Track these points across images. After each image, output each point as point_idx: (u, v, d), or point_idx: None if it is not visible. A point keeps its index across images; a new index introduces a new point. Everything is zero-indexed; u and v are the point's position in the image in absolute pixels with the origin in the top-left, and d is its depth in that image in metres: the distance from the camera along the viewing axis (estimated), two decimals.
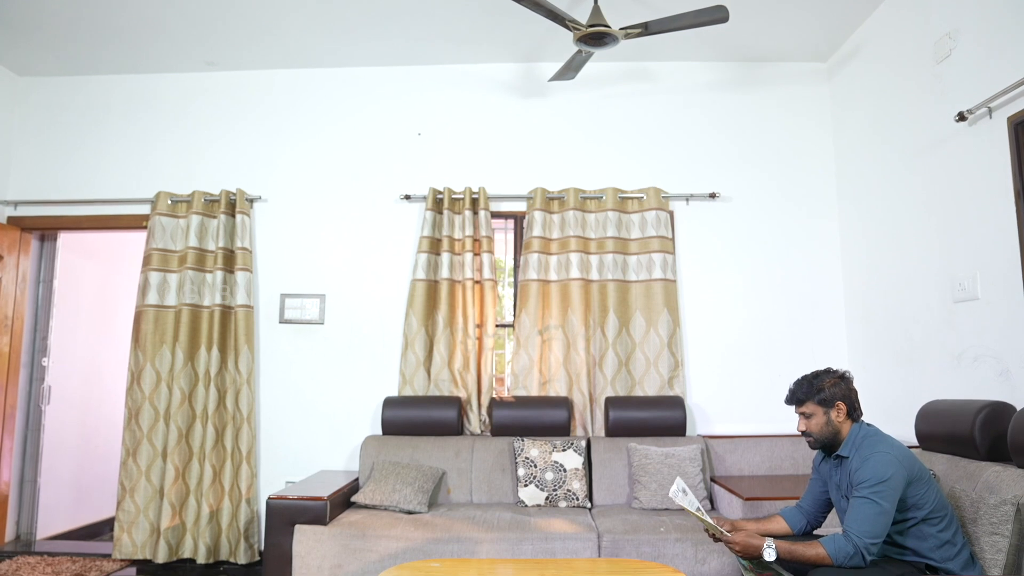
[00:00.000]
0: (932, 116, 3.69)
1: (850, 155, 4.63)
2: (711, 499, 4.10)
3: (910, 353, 3.93)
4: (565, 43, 4.51)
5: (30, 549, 4.77)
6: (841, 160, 4.75)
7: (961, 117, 3.35)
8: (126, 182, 4.99)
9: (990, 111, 3.23)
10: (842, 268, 4.73)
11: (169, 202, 4.82)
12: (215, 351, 4.62)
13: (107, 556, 4.60)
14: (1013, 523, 2.42)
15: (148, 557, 4.46)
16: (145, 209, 4.94)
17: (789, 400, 2.74)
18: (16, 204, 4.99)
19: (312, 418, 4.73)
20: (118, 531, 4.51)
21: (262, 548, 4.26)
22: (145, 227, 4.86)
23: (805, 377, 2.72)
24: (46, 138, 5.10)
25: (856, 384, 2.72)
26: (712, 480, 4.17)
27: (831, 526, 3.00)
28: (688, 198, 4.80)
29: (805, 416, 2.68)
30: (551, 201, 4.76)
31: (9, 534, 4.92)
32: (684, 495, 2.66)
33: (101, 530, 5.55)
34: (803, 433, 2.69)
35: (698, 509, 2.65)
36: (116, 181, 5.00)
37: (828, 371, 2.71)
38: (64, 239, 5.31)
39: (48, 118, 5.12)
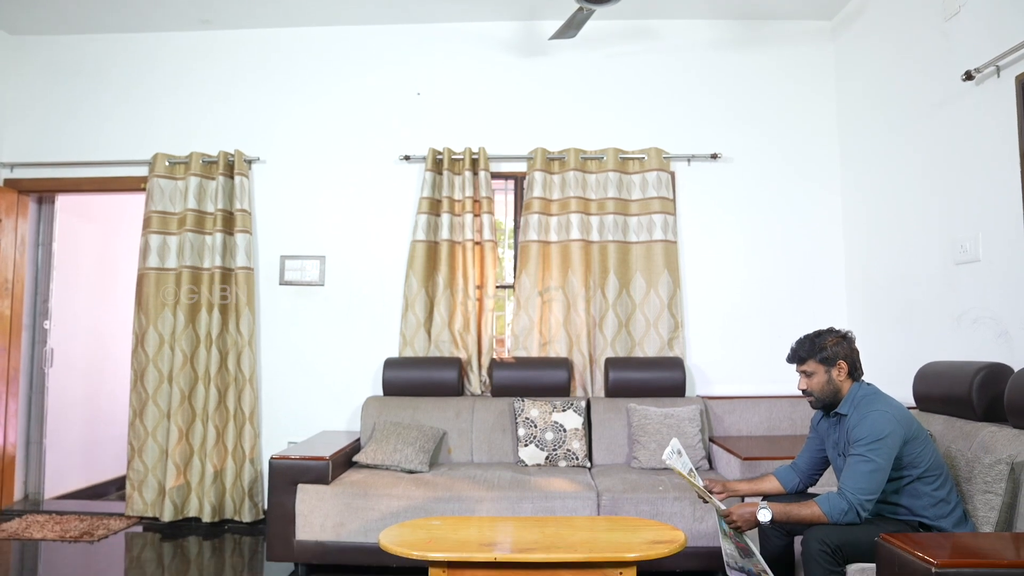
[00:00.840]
0: (938, 75, 3.63)
1: (853, 115, 4.57)
2: (709, 459, 4.14)
3: (910, 315, 3.93)
4: (566, 0, 4.42)
5: (38, 508, 4.85)
6: (844, 121, 4.70)
7: (968, 76, 3.30)
8: (124, 143, 4.95)
9: (998, 70, 3.17)
10: (843, 230, 4.71)
11: (167, 164, 4.79)
12: (216, 313, 4.63)
13: (114, 515, 4.68)
14: (1007, 481, 2.45)
15: (157, 515, 4.54)
16: (143, 171, 4.90)
17: (791, 358, 2.74)
18: (12, 166, 4.95)
19: (313, 379, 4.76)
20: (130, 489, 4.59)
21: (266, 507, 4.33)
22: (143, 189, 4.83)
23: (807, 336, 2.72)
24: (41, 99, 5.04)
25: (856, 346, 2.72)
26: (711, 440, 4.21)
27: (827, 485, 3.04)
28: (690, 159, 4.76)
29: (806, 375, 2.69)
30: (551, 162, 4.72)
31: (17, 493, 4.99)
32: (679, 456, 2.68)
33: (107, 490, 5.63)
34: (803, 392, 2.71)
35: (691, 471, 2.67)
36: (114, 142, 4.96)
37: (831, 330, 2.71)
38: (62, 201, 5.29)
39: (42, 78, 5.05)
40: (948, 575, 1.85)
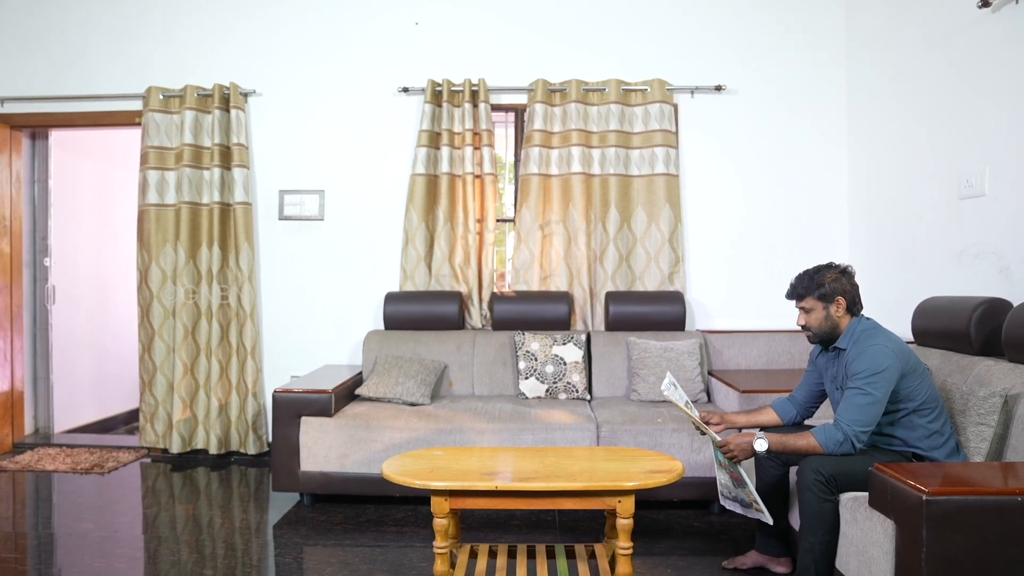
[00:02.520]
0: (953, 2, 3.51)
1: (863, 46, 4.45)
2: (708, 392, 4.19)
3: (912, 250, 3.91)
4: None
5: (49, 441, 4.95)
6: (853, 51, 4.57)
7: (984, 3, 3.18)
8: (117, 76, 4.82)
9: None
10: (848, 164, 4.64)
11: (161, 97, 4.69)
12: (216, 248, 4.62)
13: (123, 448, 4.79)
14: (1000, 414, 2.48)
15: (167, 447, 4.65)
16: (138, 105, 4.80)
17: (790, 295, 2.74)
18: (3, 101, 4.85)
19: (315, 314, 4.78)
20: (143, 421, 4.70)
21: (270, 439, 4.41)
22: (139, 124, 4.75)
23: (806, 272, 2.71)
24: (30, 30, 4.89)
25: (856, 280, 2.71)
26: (710, 374, 4.25)
27: (823, 418, 3.08)
28: (693, 91, 4.65)
29: (805, 311, 2.69)
30: (552, 93, 4.62)
31: (28, 428, 5.09)
32: (674, 388, 2.71)
33: (115, 424, 5.74)
34: (802, 327, 2.71)
35: (687, 404, 2.70)
36: (107, 75, 4.83)
37: (830, 266, 2.70)
38: (57, 137, 5.20)
39: (31, 8, 4.89)
40: (938, 503, 1.89)
